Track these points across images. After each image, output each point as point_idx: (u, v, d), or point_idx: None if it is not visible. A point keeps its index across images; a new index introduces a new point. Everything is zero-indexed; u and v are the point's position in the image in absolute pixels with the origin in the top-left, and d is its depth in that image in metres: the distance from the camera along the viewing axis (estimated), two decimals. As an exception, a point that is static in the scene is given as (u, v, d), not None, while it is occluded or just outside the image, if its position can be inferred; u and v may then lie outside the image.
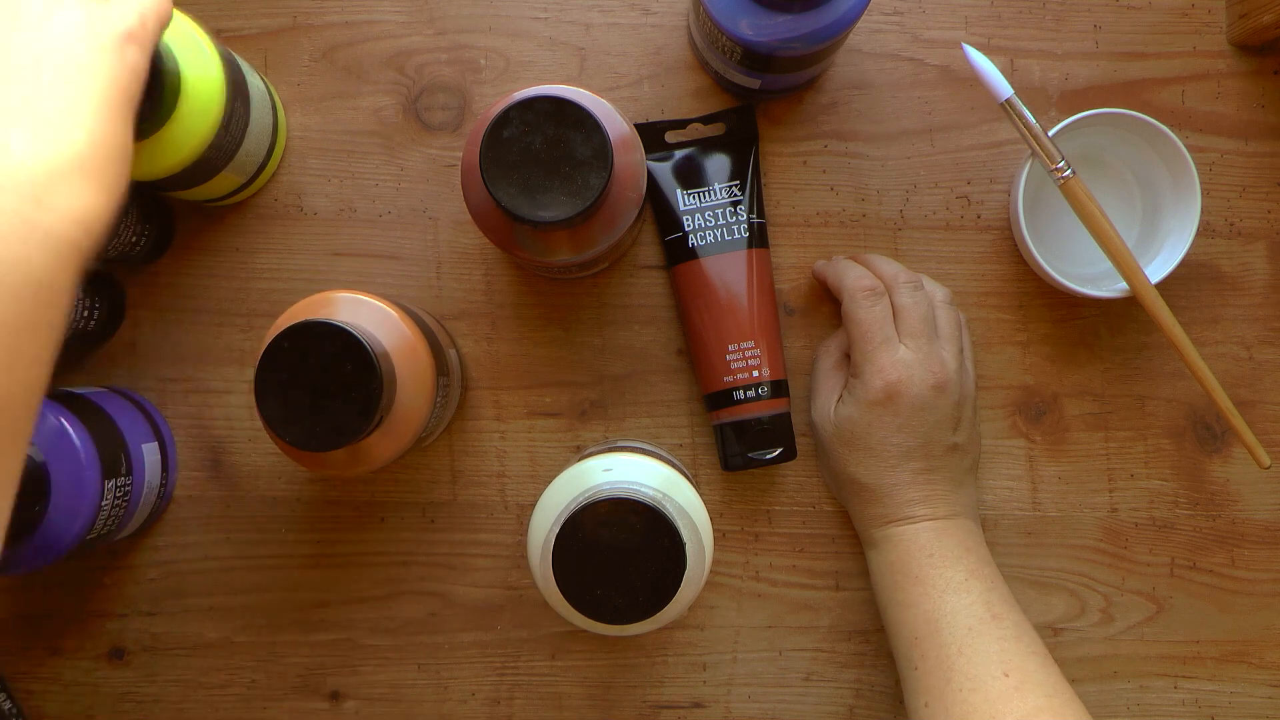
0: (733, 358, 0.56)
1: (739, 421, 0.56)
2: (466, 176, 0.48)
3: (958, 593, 0.51)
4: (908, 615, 0.52)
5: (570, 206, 0.44)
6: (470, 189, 0.48)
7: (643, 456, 0.49)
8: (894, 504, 0.54)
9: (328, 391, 0.44)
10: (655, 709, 0.59)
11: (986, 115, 0.59)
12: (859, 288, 0.54)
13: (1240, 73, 0.59)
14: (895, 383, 0.53)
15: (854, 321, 0.54)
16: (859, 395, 0.54)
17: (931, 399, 0.53)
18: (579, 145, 0.44)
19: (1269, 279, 0.59)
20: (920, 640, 0.51)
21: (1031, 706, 0.48)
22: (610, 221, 0.47)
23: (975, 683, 0.49)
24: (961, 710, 0.49)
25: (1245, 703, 0.59)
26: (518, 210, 0.44)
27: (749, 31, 0.49)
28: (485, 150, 0.44)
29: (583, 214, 0.44)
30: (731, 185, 0.56)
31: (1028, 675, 0.49)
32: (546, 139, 0.44)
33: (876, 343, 0.53)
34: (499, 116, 0.44)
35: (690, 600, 0.46)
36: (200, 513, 0.59)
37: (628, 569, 0.43)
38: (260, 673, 0.59)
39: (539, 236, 0.47)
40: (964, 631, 0.50)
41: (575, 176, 0.44)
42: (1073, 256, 0.58)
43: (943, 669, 0.50)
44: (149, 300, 0.59)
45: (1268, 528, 0.59)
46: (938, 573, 0.52)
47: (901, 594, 0.53)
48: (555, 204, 0.44)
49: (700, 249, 0.56)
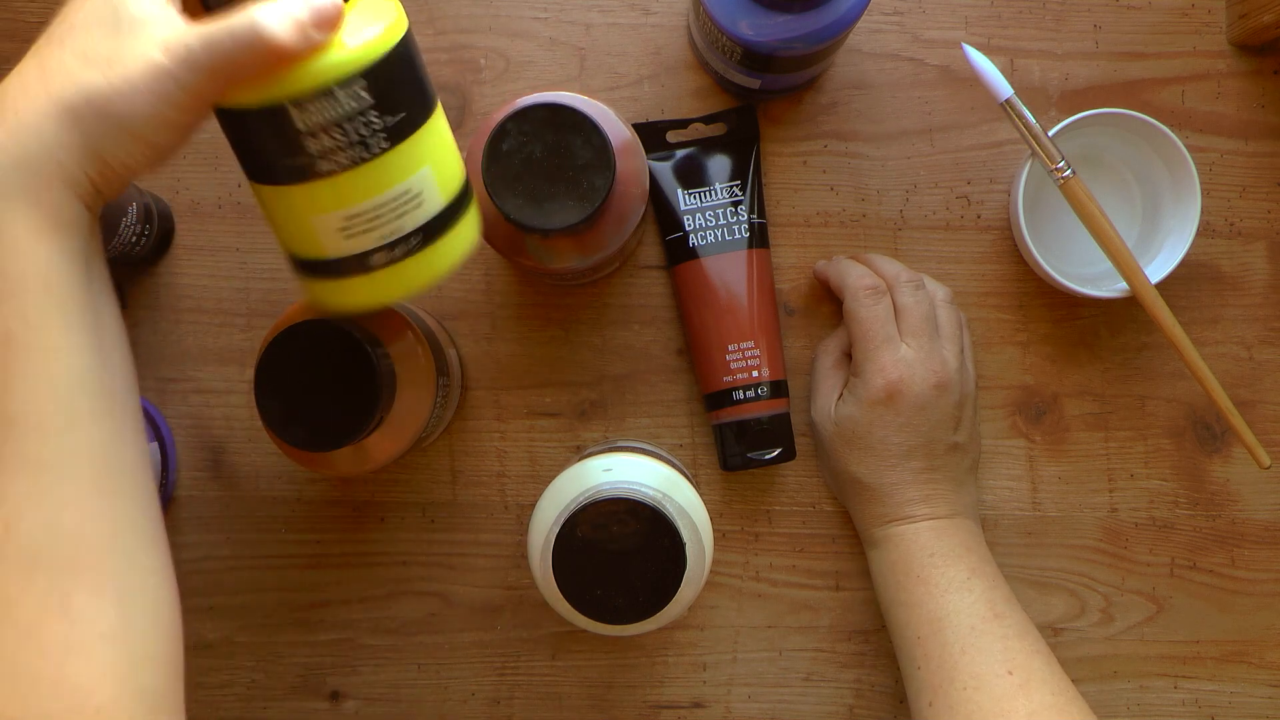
0: (732, 358, 0.56)
1: (738, 421, 0.56)
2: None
3: (960, 591, 0.51)
4: (911, 615, 0.52)
5: (578, 211, 0.44)
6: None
7: (643, 456, 0.49)
8: (895, 503, 0.54)
9: (328, 391, 0.44)
10: (655, 709, 0.59)
11: (986, 115, 0.59)
12: (861, 286, 0.54)
13: (1240, 73, 0.59)
14: (896, 381, 0.53)
15: (855, 320, 0.54)
16: (860, 394, 0.54)
17: (933, 398, 0.53)
18: (579, 149, 0.44)
19: (1269, 279, 0.59)
20: (923, 640, 0.51)
21: (1037, 704, 0.48)
22: (618, 222, 0.47)
23: (979, 681, 0.49)
24: (966, 709, 0.49)
25: (1245, 703, 0.59)
26: (526, 220, 0.44)
27: (749, 31, 0.49)
28: (487, 164, 0.44)
29: (591, 218, 0.44)
30: (732, 185, 0.56)
31: (1032, 673, 0.49)
32: (546, 146, 0.44)
33: (878, 341, 0.53)
34: (497, 129, 0.44)
35: (690, 600, 0.46)
36: (200, 513, 0.59)
37: (628, 569, 0.43)
38: (260, 673, 0.59)
39: (549, 245, 0.47)
40: (967, 630, 0.50)
41: (580, 181, 0.44)
42: (1073, 256, 0.58)
43: (946, 668, 0.50)
44: (149, 300, 0.59)
45: (1268, 528, 0.59)
46: (939, 572, 0.52)
47: (904, 593, 0.53)
48: (563, 210, 0.44)
49: (701, 249, 0.56)
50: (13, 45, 0.59)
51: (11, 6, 0.59)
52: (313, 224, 0.40)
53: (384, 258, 0.40)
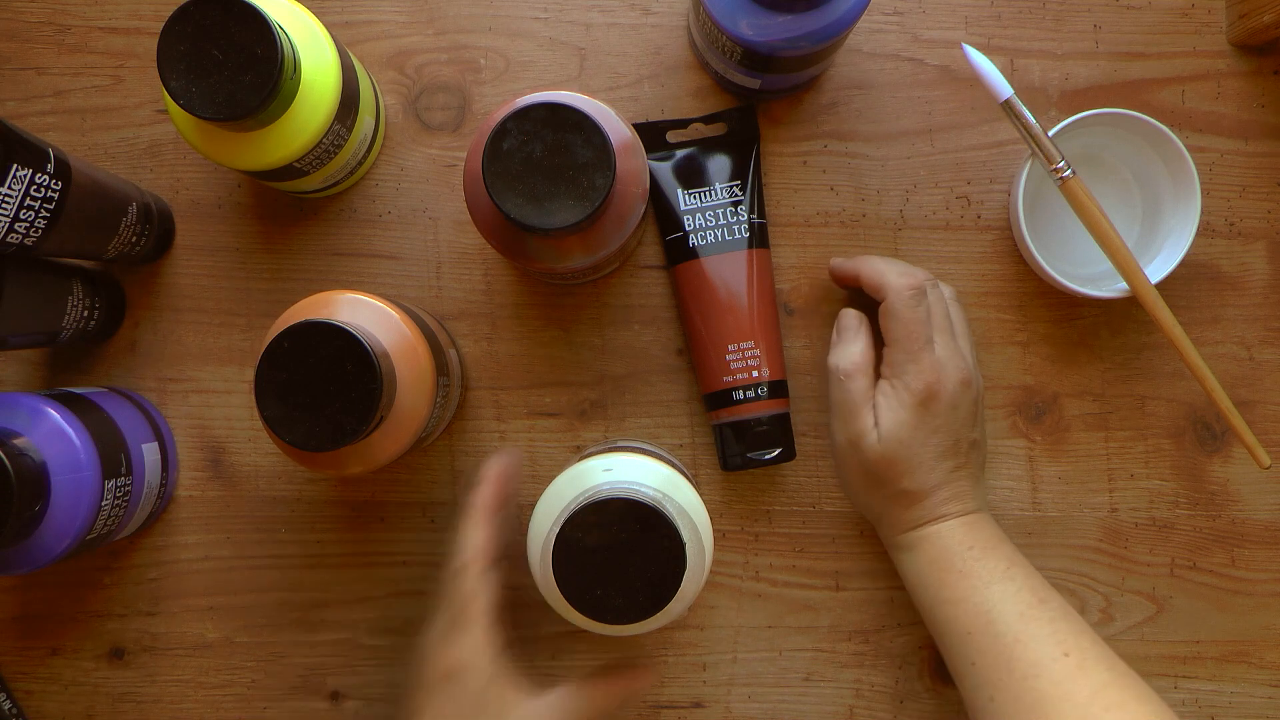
0: (732, 358, 0.56)
1: (738, 421, 0.56)
2: (471, 190, 0.48)
3: (1003, 581, 0.51)
4: (957, 611, 0.52)
5: (579, 210, 0.44)
6: (476, 203, 0.48)
7: (642, 456, 0.49)
8: (930, 504, 0.54)
9: (328, 391, 0.44)
10: (655, 709, 0.59)
11: (986, 115, 0.59)
12: (907, 285, 0.53)
13: (1240, 73, 0.59)
14: (935, 383, 0.52)
15: (899, 320, 0.53)
16: (903, 398, 0.53)
17: (961, 396, 0.53)
18: (580, 148, 0.44)
19: (1269, 279, 0.59)
20: (974, 634, 0.51)
21: (1097, 683, 0.48)
22: (618, 221, 0.47)
23: (1039, 668, 0.49)
24: (1031, 698, 0.48)
25: (1245, 703, 0.59)
26: (527, 220, 0.44)
27: (749, 31, 0.49)
28: (487, 164, 0.44)
29: (591, 216, 0.44)
30: (732, 185, 0.56)
31: (1085, 653, 0.49)
32: (547, 146, 0.44)
33: (922, 343, 0.53)
34: (497, 129, 0.44)
35: (690, 600, 0.46)
36: (200, 513, 0.59)
37: (628, 569, 0.43)
38: (260, 673, 0.59)
39: (549, 244, 0.47)
40: (1016, 618, 0.50)
41: (580, 180, 0.44)
42: (1073, 256, 0.58)
43: (1003, 659, 0.50)
44: (149, 300, 0.59)
45: (1268, 528, 0.59)
46: (981, 564, 0.52)
47: (947, 590, 0.52)
48: (563, 209, 0.44)
49: (701, 249, 0.56)
50: (13, 45, 0.59)
51: (11, 7, 0.59)
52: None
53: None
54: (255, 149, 0.49)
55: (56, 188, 0.47)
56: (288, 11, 0.49)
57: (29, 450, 0.48)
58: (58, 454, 0.48)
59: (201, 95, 0.45)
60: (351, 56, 0.53)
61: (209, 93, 0.45)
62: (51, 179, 0.46)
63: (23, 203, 0.45)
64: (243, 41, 0.45)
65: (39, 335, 0.53)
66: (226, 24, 0.45)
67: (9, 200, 0.44)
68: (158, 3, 0.59)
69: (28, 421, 0.49)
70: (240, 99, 0.45)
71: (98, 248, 0.53)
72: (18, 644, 0.58)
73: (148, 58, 0.59)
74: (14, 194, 0.44)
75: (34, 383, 0.59)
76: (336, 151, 0.52)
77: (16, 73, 0.59)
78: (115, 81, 0.59)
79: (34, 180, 0.45)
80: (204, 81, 0.45)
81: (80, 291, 0.54)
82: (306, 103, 0.48)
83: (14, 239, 0.46)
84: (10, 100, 0.59)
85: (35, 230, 0.46)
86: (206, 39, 0.44)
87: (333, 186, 0.57)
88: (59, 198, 0.47)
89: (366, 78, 0.55)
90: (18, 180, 0.44)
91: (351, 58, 0.53)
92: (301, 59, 0.48)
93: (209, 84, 0.45)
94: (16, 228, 0.45)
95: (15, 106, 0.59)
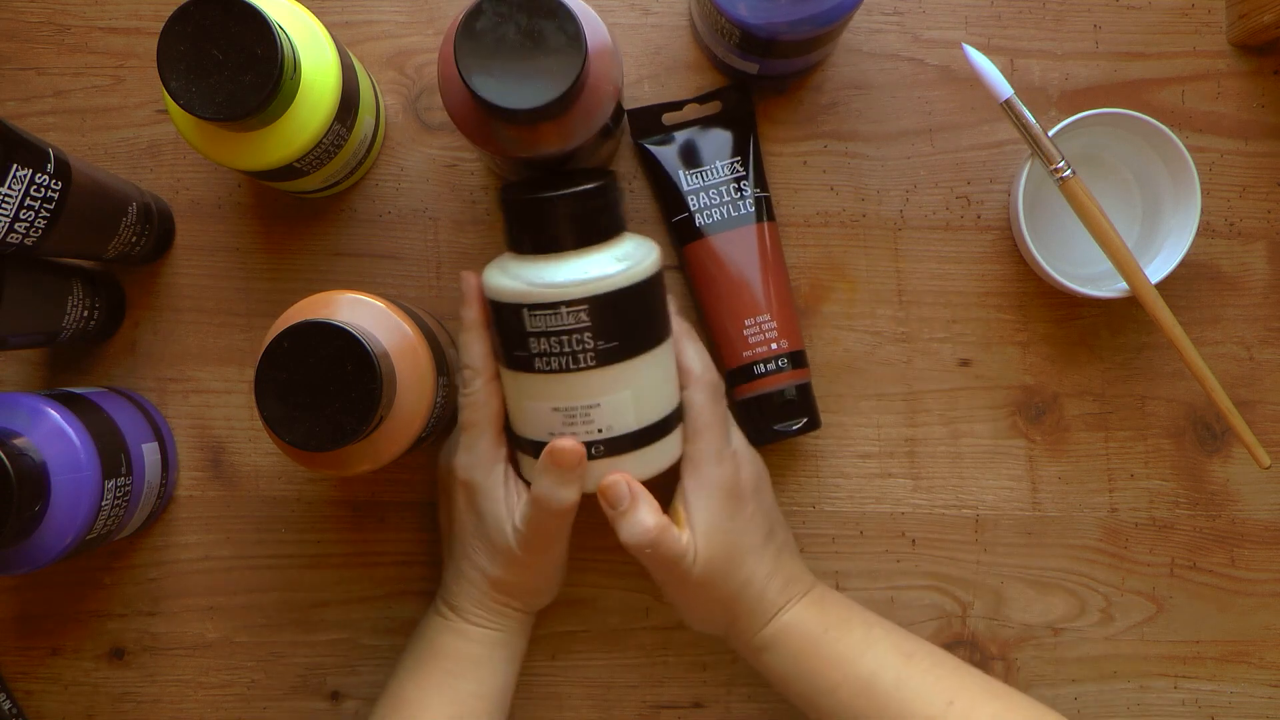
0: (750, 332, 0.55)
1: (761, 395, 0.56)
2: (444, 74, 0.48)
3: (869, 651, 0.51)
4: (839, 697, 0.51)
5: (547, 92, 0.44)
6: (448, 87, 0.48)
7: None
8: (773, 593, 0.52)
9: (328, 391, 0.44)
10: (655, 709, 0.59)
11: (986, 115, 0.59)
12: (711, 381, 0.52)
13: (1240, 73, 0.59)
14: (739, 474, 0.51)
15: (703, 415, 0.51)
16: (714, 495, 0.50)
17: (761, 480, 0.53)
18: (552, 34, 0.44)
19: (1269, 279, 0.59)
20: (862, 714, 0.50)
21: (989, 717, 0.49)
22: (587, 114, 0.47)
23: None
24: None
25: (1245, 703, 0.59)
26: (493, 99, 0.44)
27: (748, 14, 0.49)
28: (460, 42, 0.44)
29: (559, 101, 0.44)
30: (733, 162, 0.56)
31: (968, 693, 0.50)
32: (519, 29, 0.44)
33: (724, 440, 0.51)
34: (472, 8, 0.44)
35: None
36: (200, 513, 0.59)
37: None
38: (260, 673, 0.59)
39: (516, 132, 0.47)
40: (894, 685, 0.50)
41: (551, 63, 0.44)
42: (1073, 256, 0.58)
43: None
44: (149, 300, 0.59)
45: (1268, 528, 0.59)
46: (843, 643, 0.51)
47: (821, 680, 0.51)
48: (533, 91, 0.44)
49: (707, 227, 0.56)
50: (13, 45, 0.59)
51: (11, 7, 0.59)
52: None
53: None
54: (255, 149, 0.49)
55: (56, 188, 0.47)
56: (288, 11, 0.49)
57: (29, 450, 0.48)
58: (58, 454, 0.48)
59: (201, 95, 0.45)
60: (351, 56, 0.53)
61: (209, 93, 0.45)
62: (51, 179, 0.46)
63: (23, 203, 0.45)
64: (243, 41, 0.45)
65: (39, 335, 0.53)
66: (226, 24, 0.44)
67: (9, 200, 0.44)
68: (158, 3, 0.59)
69: (28, 421, 0.49)
70: (240, 99, 0.45)
71: (98, 248, 0.53)
72: (18, 644, 0.58)
73: (148, 58, 0.59)
74: (14, 194, 0.44)
75: (34, 383, 0.59)
76: (336, 151, 0.52)
77: (16, 73, 0.59)
78: (115, 81, 0.59)
79: (34, 180, 0.45)
80: (204, 81, 0.45)
81: (80, 291, 0.54)
82: (306, 103, 0.48)
83: (14, 239, 0.46)
84: (10, 100, 0.59)
85: (35, 230, 0.46)
86: (206, 39, 0.45)
87: (333, 186, 0.57)
88: (59, 198, 0.47)
89: (366, 78, 0.55)
90: (18, 180, 0.44)
91: (351, 58, 0.53)
92: (301, 59, 0.48)
93: (209, 84, 0.45)
94: (16, 228, 0.45)
95: (15, 106, 0.59)
